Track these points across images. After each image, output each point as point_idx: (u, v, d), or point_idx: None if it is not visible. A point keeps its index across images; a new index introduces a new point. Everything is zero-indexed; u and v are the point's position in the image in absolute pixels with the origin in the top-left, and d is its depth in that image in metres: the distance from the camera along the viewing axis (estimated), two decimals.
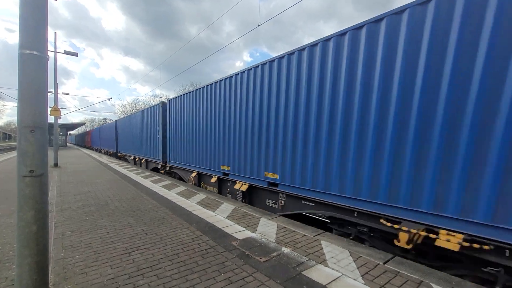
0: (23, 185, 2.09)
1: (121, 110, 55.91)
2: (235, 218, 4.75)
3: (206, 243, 3.63)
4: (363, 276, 2.79)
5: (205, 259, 3.17)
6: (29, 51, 2.11)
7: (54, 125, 13.88)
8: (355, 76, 3.95)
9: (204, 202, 5.92)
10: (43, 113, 2.21)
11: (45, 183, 2.22)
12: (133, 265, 3.00)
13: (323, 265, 3.04)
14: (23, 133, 2.10)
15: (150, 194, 6.81)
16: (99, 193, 6.84)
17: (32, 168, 2.10)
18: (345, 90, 4.09)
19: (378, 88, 3.65)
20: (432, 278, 2.72)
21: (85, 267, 2.95)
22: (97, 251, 3.36)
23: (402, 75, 3.40)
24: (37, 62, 2.15)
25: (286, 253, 3.33)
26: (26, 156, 2.10)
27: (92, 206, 5.52)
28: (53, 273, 2.79)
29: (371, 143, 3.78)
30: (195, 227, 4.28)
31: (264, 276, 2.77)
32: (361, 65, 3.85)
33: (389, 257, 3.22)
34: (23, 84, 2.11)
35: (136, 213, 5.06)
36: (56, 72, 13.72)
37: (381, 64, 3.62)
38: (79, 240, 3.70)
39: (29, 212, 2.10)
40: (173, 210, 5.28)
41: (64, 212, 5.06)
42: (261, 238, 3.82)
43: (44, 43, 2.21)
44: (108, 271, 2.87)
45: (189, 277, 2.76)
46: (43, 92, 2.21)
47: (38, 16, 2.16)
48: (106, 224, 4.38)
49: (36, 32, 2.15)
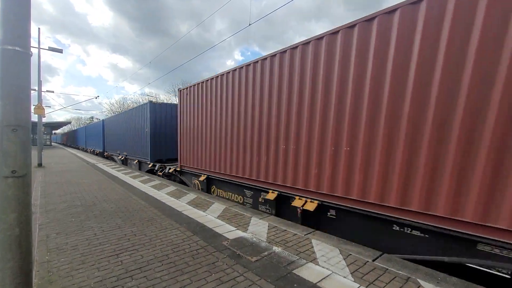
0: (5, 186, 2.01)
1: (108, 109, 54.75)
2: (226, 218, 4.72)
3: (196, 244, 3.59)
4: (352, 274, 2.83)
5: (196, 259, 3.14)
6: (11, 47, 2.03)
7: (38, 123, 13.47)
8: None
9: (195, 202, 5.86)
10: (26, 111, 2.14)
11: (28, 183, 2.15)
12: (121, 267, 2.94)
13: (314, 263, 3.06)
14: (5, 132, 2.02)
15: (139, 194, 6.69)
16: (85, 194, 6.67)
17: (14, 168, 2.03)
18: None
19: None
20: (419, 274, 2.79)
21: (71, 270, 2.87)
22: (83, 253, 3.28)
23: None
24: (19, 59, 2.07)
25: (277, 252, 3.34)
26: (8, 156, 2.02)
27: (79, 207, 5.38)
28: (38, 277, 2.70)
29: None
30: (185, 227, 4.24)
31: (255, 276, 2.77)
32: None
33: (377, 254, 3.28)
34: (4, 81, 2.02)
35: (124, 214, 4.96)
36: (40, 69, 13.28)
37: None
38: (65, 242, 3.60)
39: (11, 214, 2.02)
40: (163, 210, 5.20)
41: (49, 214, 4.91)
42: (252, 237, 3.82)
43: (27, 39, 2.13)
44: (96, 273, 2.80)
45: (179, 278, 2.73)
46: (26, 89, 2.13)
47: (21, 10, 2.08)
48: (93, 226, 4.27)
49: (18, 27, 2.07)
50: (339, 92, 4.11)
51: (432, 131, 3.15)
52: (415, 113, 3.29)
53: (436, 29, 3.09)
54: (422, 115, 3.22)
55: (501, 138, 2.69)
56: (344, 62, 4.03)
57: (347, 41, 3.99)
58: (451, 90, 3.00)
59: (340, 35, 4.05)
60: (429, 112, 3.16)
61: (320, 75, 4.38)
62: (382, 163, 3.62)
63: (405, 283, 2.64)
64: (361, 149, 3.85)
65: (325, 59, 4.30)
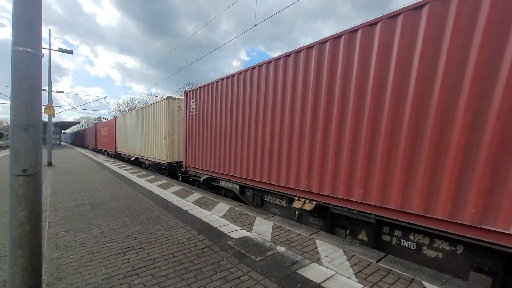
0: (16, 185, 2.07)
1: (116, 109, 55.50)
2: (231, 218, 4.75)
3: (201, 243, 3.63)
4: (356, 274, 2.82)
5: (201, 258, 3.17)
6: (23, 48, 2.08)
7: (48, 123, 13.74)
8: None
9: (200, 202, 5.91)
10: (37, 111, 2.19)
11: (39, 182, 2.20)
12: (128, 264, 2.99)
13: (318, 263, 3.06)
14: (17, 131, 2.07)
15: (145, 193, 6.77)
16: (94, 193, 6.79)
17: (25, 167, 2.08)
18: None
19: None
20: (423, 276, 2.77)
21: (79, 267, 2.94)
22: (91, 250, 3.34)
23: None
24: (31, 60, 2.12)
25: (281, 252, 3.35)
26: (19, 155, 2.07)
27: (87, 206, 5.48)
28: (47, 273, 2.77)
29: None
30: (191, 226, 4.28)
31: (259, 275, 2.79)
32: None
33: (381, 255, 3.26)
34: (16, 82, 2.08)
35: (131, 212, 5.03)
36: (50, 69, 13.57)
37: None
38: (73, 240, 3.68)
39: (22, 212, 2.08)
40: (169, 209, 5.26)
41: (58, 212, 5.02)
42: (256, 237, 3.84)
43: (38, 41, 2.18)
44: (103, 270, 2.86)
45: (185, 276, 2.76)
46: (37, 90, 2.19)
47: (32, 12, 2.13)
48: (101, 224, 4.35)
49: (30, 29, 2.12)
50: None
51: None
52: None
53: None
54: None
55: None
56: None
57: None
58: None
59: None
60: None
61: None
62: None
63: (409, 285, 2.62)
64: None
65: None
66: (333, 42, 4.24)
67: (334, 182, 4.25)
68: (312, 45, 4.55)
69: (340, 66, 4.10)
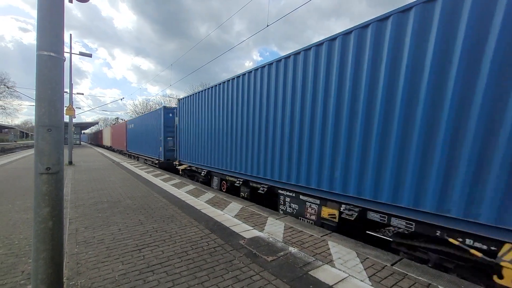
0: (40, 182, 2.18)
1: (132, 110, 57.02)
2: (243, 217, 4.78)
3: (214, 241, 3.68)
4: (370, 278, 2.77)
5: (213, 257, 3.22)
6: (46, 52, 2.18)
7: (69, 124, 14.30)
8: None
9: (213, 201, 5.98)
10: (59, 112, 2.29)
11: (61, 180, 2.30)
12: (143, 261, 3.08)
13: (330, 265, 3.03)
14: (40, 132, 2.18)
15: (160, 192, 6.93)
16: (111, 191, 7.01)
17: (48, 165, 2.19)
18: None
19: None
20: (441, 281, 2.68)
21: (97, 262, 3.05)
22: (109, 247, 3.46)
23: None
24: (53, 63, 2.22)
25: (293, 252, 3.34)
26: (43, 154, 2.18)
27: (105, 203, 5.67)
28: (67, 268, 2.89)
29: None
30: (203, 225, 4.34)
31: (271, 275, 2.79)
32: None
33: (396, 259, 3.18)
34: (40, 84, 2.18)
35: (146, 210, 5.16)
36: (71, 72, 14.13)
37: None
38: (92, 236, 3.82)
39: (45, 208, 2.18)
40: (183, 208, 5.36)
41: (78, 209, 5.22)
42: (268, 237, 3.85)
43: (60, 45, 2.28)
44: (120, 266, 2.95)
45: (198, 274, 2.81)
46: (59, 92, 2.29)
47: (55, 18, 2.23)
48: (118, 221, 4.49)
49: (53, 34, 2.22)
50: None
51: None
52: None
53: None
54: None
55: None
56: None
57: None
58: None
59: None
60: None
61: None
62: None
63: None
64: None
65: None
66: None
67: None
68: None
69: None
